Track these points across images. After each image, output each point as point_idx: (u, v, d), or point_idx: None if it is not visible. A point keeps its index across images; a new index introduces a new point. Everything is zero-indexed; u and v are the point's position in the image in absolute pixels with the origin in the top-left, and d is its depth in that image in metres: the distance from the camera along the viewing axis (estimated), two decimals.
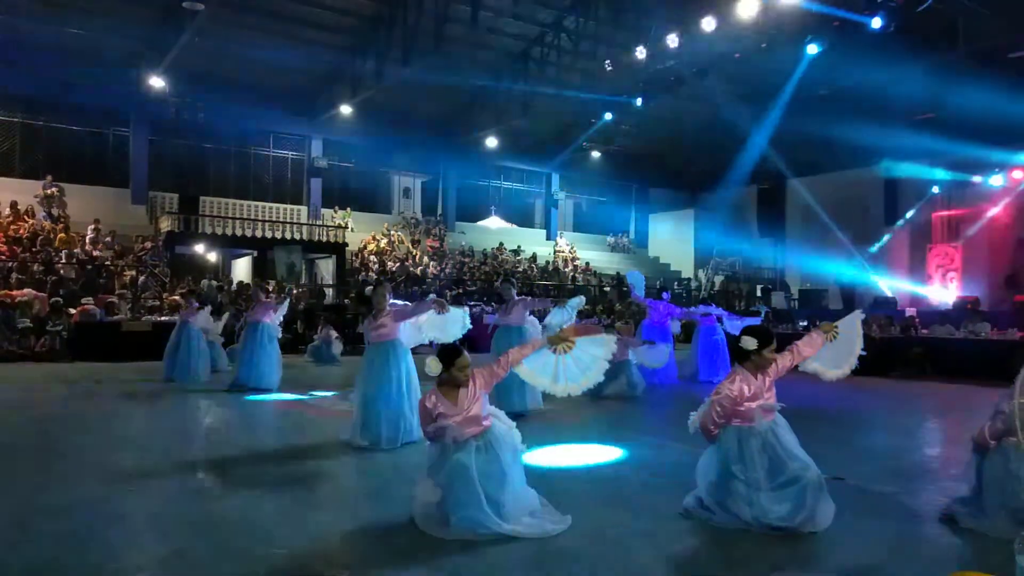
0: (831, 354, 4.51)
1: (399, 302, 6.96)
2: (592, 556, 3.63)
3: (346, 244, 23.57)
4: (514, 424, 4.18)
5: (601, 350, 4.26)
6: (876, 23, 16.43)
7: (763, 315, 13.98)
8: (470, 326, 6.34)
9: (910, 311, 17.90)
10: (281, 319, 10.11)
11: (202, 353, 11.04)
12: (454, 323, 6.40)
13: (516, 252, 28.04)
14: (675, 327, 11.94)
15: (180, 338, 10.89)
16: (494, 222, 30.25)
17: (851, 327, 4.58)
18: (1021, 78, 17.62)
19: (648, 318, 11.98)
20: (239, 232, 22.20)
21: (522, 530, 3.79)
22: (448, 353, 4.03)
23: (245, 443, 6.27)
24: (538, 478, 4.49)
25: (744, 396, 4.02)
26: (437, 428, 3.92)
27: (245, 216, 23.40)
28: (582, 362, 4.25)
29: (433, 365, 3.99)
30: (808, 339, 4.38)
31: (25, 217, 19.38)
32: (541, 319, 8.99)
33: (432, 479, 3.90)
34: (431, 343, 6.68)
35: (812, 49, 18.05)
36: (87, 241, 19.26)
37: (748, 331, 4.15)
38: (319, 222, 24.74)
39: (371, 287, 6.92)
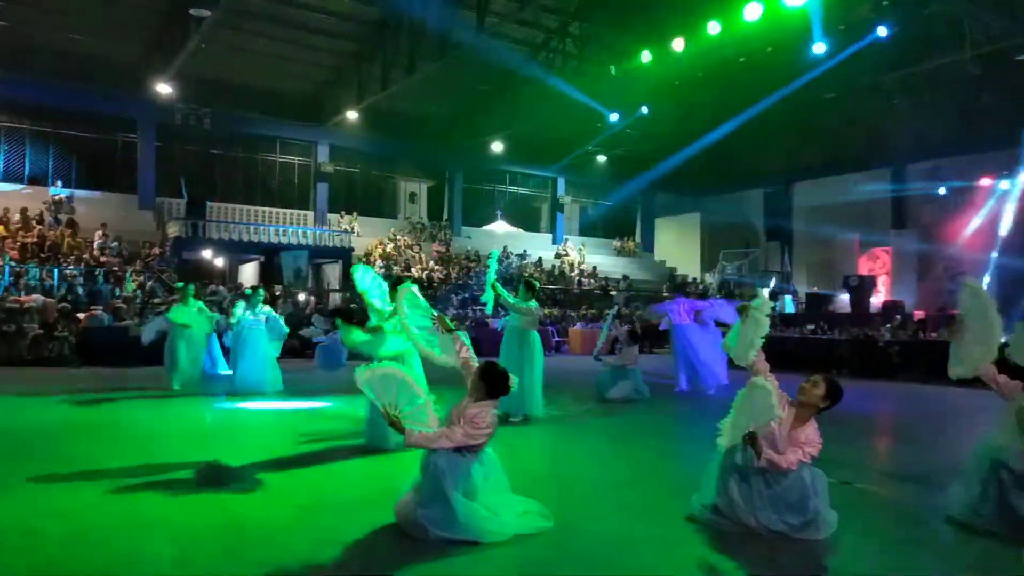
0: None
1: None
2: (599, 559, 3.62)
3: (352, 249, 23.62)
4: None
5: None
6: (882, 31, 16.39)
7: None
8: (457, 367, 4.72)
9: (919, 315, 17.84)
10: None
11: (200, 356, 11.02)
12: (445, 349, 5.08)
13: (522, 256, 28.02)
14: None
15: (177, 342, 10.82)
16: (500, 226, 30.26)
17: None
18: None
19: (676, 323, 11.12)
20: (246, 237, 22.26)
21: (520, 529, 3.90)
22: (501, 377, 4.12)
23: (251, 447, 6.28)
24: (543, 482, 4.48)
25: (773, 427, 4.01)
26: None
27: (252, 221, 23.48)
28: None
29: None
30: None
31: (34, 223, 19.48)
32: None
33: (445, 485, 3.87)
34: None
35: (818, 48, 17.96)
36: (95, 247, 19.34)
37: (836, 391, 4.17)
38: (326, 227, 24.81)
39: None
